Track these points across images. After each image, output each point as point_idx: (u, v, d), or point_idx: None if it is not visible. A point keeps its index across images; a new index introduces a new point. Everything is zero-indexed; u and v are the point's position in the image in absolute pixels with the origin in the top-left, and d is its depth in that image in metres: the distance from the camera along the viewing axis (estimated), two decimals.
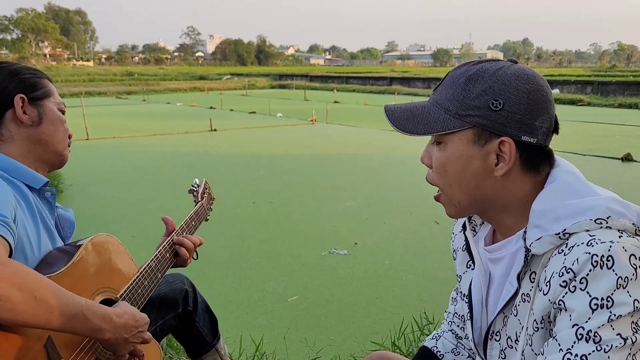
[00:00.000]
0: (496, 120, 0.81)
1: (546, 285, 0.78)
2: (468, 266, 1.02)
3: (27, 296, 0.86)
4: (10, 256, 0.95)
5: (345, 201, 5.42)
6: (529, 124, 0.81)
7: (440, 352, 1.15)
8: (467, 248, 1.00)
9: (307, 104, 18.26)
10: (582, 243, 0.75)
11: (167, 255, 1.46)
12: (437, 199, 0.93)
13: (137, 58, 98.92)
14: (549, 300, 0.77)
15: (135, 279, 1.27)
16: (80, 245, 1.16)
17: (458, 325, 1.16)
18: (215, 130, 11.15)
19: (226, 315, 2.94)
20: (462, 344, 1.15)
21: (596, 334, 0.71)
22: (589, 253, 0.73)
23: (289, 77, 36.54)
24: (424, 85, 28.16)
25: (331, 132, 11.20)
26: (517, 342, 0.86)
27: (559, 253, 0.78)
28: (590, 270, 0.73)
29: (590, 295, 0.72)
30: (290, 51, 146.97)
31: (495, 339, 0.92)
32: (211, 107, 16.74)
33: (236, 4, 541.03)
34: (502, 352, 0.91)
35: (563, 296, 0.75)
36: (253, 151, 8.67)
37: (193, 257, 1.53)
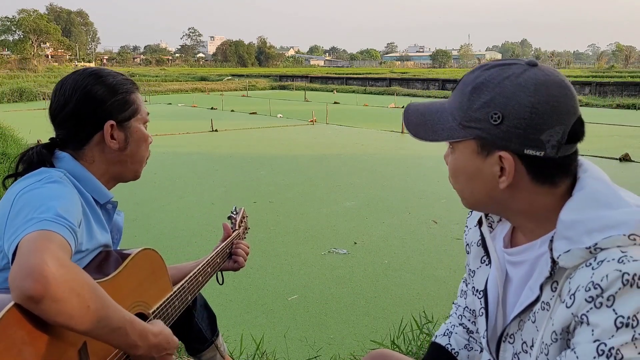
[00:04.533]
0: (496, 135, 0.80)
1: (570, 298, 0.77)
2: (482, 261, 1.01)
3: (82, 304, 0.88)
4: None
5: (344, 201, 5.45)
6: (532, 138, 0.78)
7: (454, 349, 1.13)
8: (483, 244, 0.99)
9: (307, 105, 18.28)
10: (613, 259, 0.73)
11: (208, 269, 1.51)
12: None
13: (138, 59, 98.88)
14: (572, 313, 0.76)
15: (168, 298, 1.29)
16: (127, 255, 1.19)
17: (469, 320, 1.15)
18: (216, 130, 11.18)
19: (227, 314, 2.96)
20: (474, 338, 1.14)
21: (618, 352, 0.70)
22: (620, 271, 0.72)
23: (289, 78, 36.56)
24: (423, 86, 28.20)
25: (331, 133, 11.23)
26: (532, 347, 0.86)
27: (586, 266, 0.76)
28: (619, 289, 0.72)
29: (616, 313, 0.71)
30: (291, 52, 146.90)
31: (509, 342, 0.91)
32: (212, 108, 16.77)
33: (237, 6, 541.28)
34: (515, 356, 0.90)
35: (587, 311, 0.74)
36: (253, 151, 8.70)
37: (218, 282, 1.65)
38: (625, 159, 7.66)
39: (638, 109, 17.33)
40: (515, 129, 0.78)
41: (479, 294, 1.00)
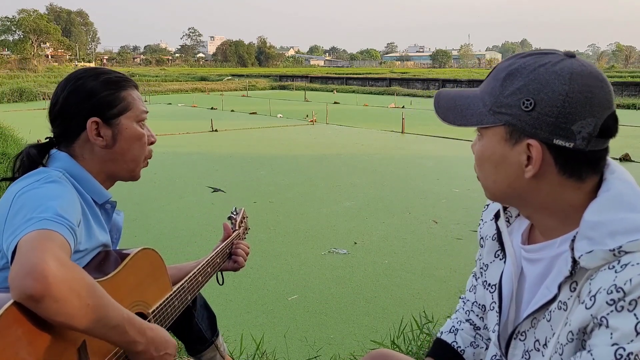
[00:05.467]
0: (526, 122, 0.78)
1: (590, 300, 0.76)
2: (496, 256, 1.00)
3: (81, 303, 0.89)
4: None
5: (344, 201, 5.45)
6: (563, 128, 0.77)
7: (460, 347, 1.12)
8: (499, 238, 0.98)
9: (307, 105, 18.29)
10: (638, 263, 0.72)
11: (208, 269, 1.51)
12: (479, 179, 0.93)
13: (138, 59, 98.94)
14: (591, 314, 0.75)
15: (167, 298, 1.29)
16: (127, 255, 1.19)
17: (477, 315, 1.13)
18: (216, 130, 11.18)
19: (227, 314, 2.96)
20: (480, 335, 1.12)
21: (636, 357, 0.69)
22: None
23: (289, 78, 36.56)
24: (423, 86, 28.20)
25: (331, 133, 11.23)
26: (545, 346, 0.84)
27: (609, 268, 0.75)
28: None
29: (637, 318, 0.70)
30: (291, 52, 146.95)
31: (520, 339, 0.90)
32: (212, 108, 16.77)
33: (237, 6, 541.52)
34: (526, 353, 0.89)
35: (607, 313, 0.73)
36: (253, 151, 8.70)
37: (218, 282, 1.65)
38: (625, 159, 7.66)
39: (638, 109, 17.33)
40: (546, 117, 0.77)
41: (491, 288, 0.99)
